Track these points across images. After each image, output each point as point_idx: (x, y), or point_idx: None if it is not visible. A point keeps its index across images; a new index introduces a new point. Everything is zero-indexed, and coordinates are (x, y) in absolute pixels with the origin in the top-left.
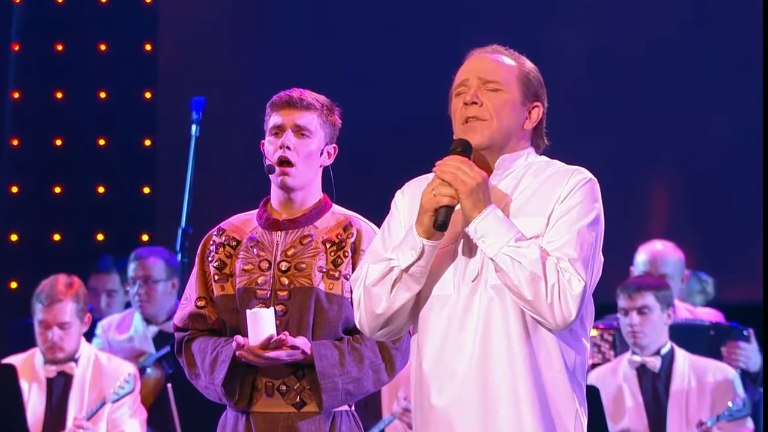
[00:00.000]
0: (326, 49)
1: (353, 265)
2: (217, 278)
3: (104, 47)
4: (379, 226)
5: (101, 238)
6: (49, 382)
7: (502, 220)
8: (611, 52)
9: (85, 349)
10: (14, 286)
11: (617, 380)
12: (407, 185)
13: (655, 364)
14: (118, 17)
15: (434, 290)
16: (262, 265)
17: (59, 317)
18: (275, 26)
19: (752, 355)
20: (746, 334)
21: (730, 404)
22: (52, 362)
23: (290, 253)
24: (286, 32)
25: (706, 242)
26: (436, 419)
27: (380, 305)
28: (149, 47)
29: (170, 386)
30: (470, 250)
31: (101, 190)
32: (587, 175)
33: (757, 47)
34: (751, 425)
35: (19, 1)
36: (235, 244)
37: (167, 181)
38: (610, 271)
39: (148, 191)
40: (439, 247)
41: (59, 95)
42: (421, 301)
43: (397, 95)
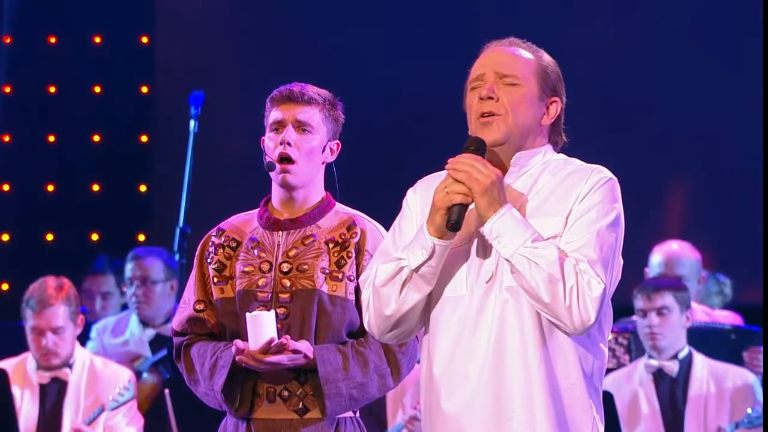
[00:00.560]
0: (330, 41)
1: (357, 265)
2: (216, 281)
3: (99, 39)
4: (385, 226)
5: (96, 238)
6: (42, 388)
7: (518, 219)
8: (628, 48)
9: (79, 353)
10: (5, 288)
11: (633, 385)
12: (419, 183)
13: (672, 368)
14: (113, 8)
15: (446, 291)
16: (262, 266)
17: (52, 322)
18: (277, 18)
19: None
20: None
21: (749, 411)
22: (46, 368)
23: (292, 253)
24: (288, 24)
25: (723, 242)
26: (446, 425)
27: (389, 306)
28: (146, 39)
29: (167, 392)
30: (484, 250)
31: (96, 188)
32: (607, 174)
33: None
34: None
35: None
36: (235, 245)
37: (164, 178)
38: (623, 272)
39: (144, 189)
40: (451, 246)
41: (52, 89)
42: (432, 302)
43: (405, 89)
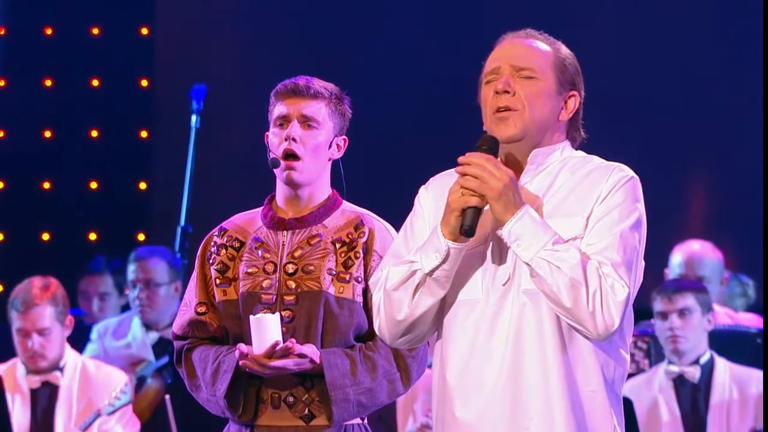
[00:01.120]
0: (336, 33)
1: (365, 266)
2: (218, 282)
3: (97, 31)
4: (394, 225)
5: (94, 237)
6: (33, 393)
7: (537, 221)
8: (649, 44)
9: (70, 356)
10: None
11: (652, 392)
12: (432, 180)
13: (693, 374)
14: None
15: (460, 294)
16: (267, 267)
17: (38, 323)
18: (282, 8)
19: None
20: None
21: None
22: (34, 372)
23: (297, 254)
24: (293, 15)
25: (746, 242)
26: None
27: (401, 311)
28: (146, 31)
29: (168, 398)
30: (501, 251)
31: (94, 185)
32: (628, 172)
33: None
34: None
35: None
36: (238, 245)
37: (165, 176)
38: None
39: (144, 187)
40: (466, 249)
41: (48, 83)
42: (445, 306)
43: (416, 82)
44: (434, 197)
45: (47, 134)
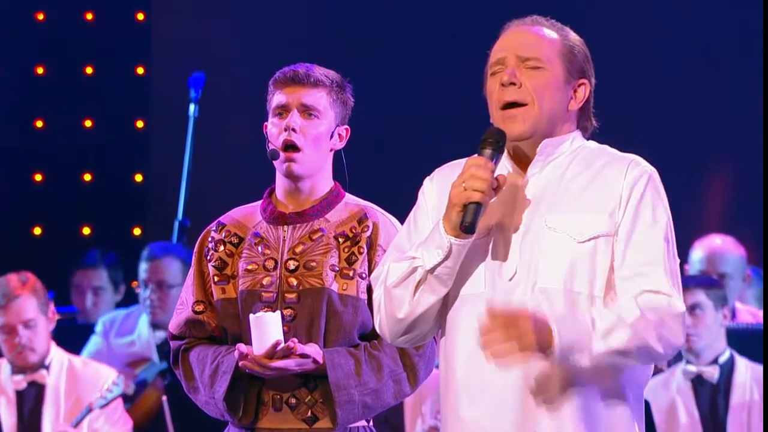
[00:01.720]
0: (339, 19)
1: (369, 262)
2: (216, 279)
3: (91, 16)
4: (399, 218)
5: (87, 232)
6: (19, 395)
7: (570, 332)
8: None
9: (56, 354)
10: None
11: (670, 393)
12: (437, 172)
13: (712, 374)
14: None
15: (463, 289)
16: (267, 264)
17: (22, 314)
18: None
19: None
20: None
21: None
22: (22, 369)
23: (299, 250)
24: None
25: None
26: None
27: (402, 309)
28: (142, 16)
29: (165, 399)
30: (504, 243)
31: (87, 177)
32: (645, 167)
33: None
34: None
35: None
36: (237, 241)
37: (162, 167)
38: None
39: (140, 179)
40: (469, 245)
41: (40, 70)
42: (448, 301)
43: (420, 69)
44: (439, 190)
45: (39, 124)
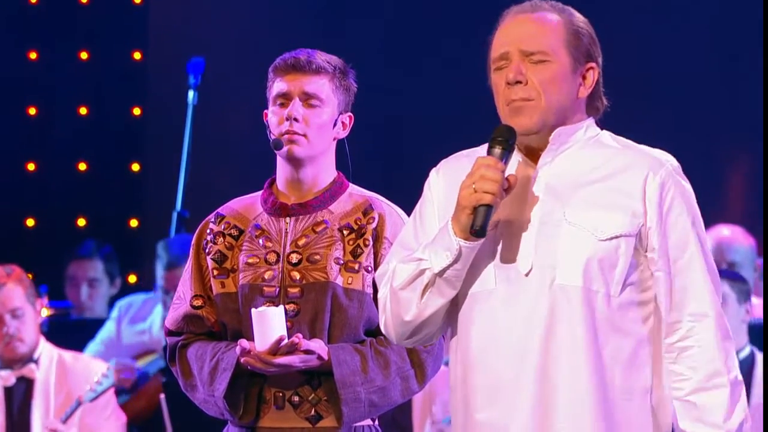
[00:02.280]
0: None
1: (375, 255)
2: (216, 273)
3: (85, 0)
4: (405, 210)
5: (82, 223)
6: (7, 392)
7: None
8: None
9: (45, 348)
10: None
11: None
12: (444, 163)
13: None
14: None
15: (473, 287)
16: (269, 257)
17: (9, 303)
18: None
19: None
20: None
21: None
22: (11, 362)
23: (301, 242)
24: None
25: None
26: None
27: (409, 311)
28: (138, 0)
29: (163, 397)
30: (512, 237)
31: (82, 167)
32: (669, 164)
33: None
34: None
35: None
36: (237, 233)
37: (160, 156)
38: None
39: (137, 168)
40: (479, 246)
41: (32, 55)
42: (458, 300)
43: (429, 52)
44: (445, 182)
45: (32, 111)
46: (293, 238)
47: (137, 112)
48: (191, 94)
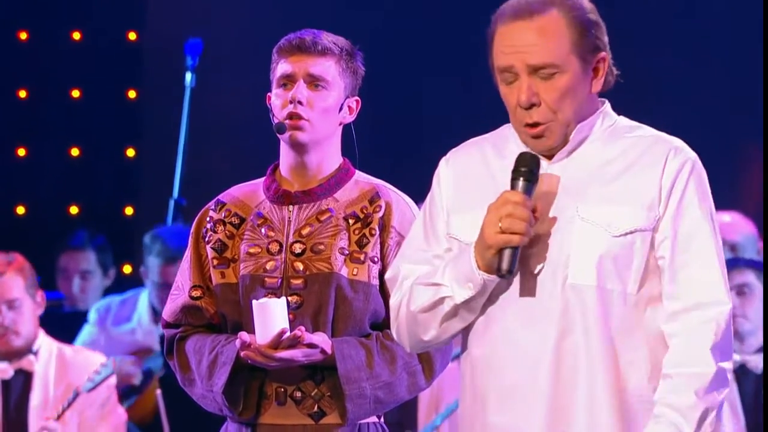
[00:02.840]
0: None
1: (382, 245)
2: (216, 263)
3: None
4: (414, 198)
5: (75, 211)
6: (5, 385)
7: None
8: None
9: (44, 341)
10: None
11: None
12: (453, 153)
13: (756, 363)
14: None
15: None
16: (271, 247)
17: (6, 294)
18: None
19: None
20: None
21: None
22: (6, 354)
23: (305, 232)
24: None
25: None
26: None
27: (428, 333)
28: None
29: (160, 392)
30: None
31: (75, 152)
32: (689, 155)
33: None
34: None
35: None
36: (238, 222)
37: (156, 141)
38: None
39: (132, 154)
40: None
41: (23, 36)
42: None
43: (438, 34)
44: (455, 174)
45: (22, 94)
46: (297, 227)
47: (132, 95)
48: (188, 76)
